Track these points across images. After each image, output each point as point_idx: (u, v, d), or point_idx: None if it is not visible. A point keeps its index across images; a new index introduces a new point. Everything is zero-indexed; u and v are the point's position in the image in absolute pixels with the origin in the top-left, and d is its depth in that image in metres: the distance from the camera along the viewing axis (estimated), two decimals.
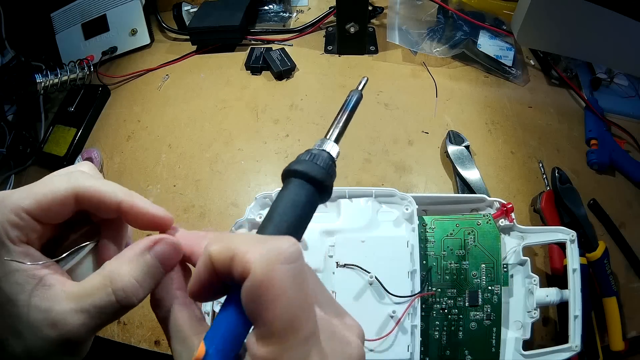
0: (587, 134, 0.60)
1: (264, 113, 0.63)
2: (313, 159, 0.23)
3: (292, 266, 0.17)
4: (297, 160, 0.23)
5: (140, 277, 0.22)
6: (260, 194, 0.50)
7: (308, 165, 0.23)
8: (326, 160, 0.23)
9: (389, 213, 0.50)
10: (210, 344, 0.19)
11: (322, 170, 0.23)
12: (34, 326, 0.21)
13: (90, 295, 0.21)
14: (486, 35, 0.67)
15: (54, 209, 0.22)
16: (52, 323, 0.21)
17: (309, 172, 0.22)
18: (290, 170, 0.23)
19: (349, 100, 0.28)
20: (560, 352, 0.42)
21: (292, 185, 0.23)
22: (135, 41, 0.76)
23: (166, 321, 0.22)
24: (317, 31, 0.74)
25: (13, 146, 0.68)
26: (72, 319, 0.21)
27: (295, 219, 0.22)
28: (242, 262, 0.17)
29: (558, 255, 0.48)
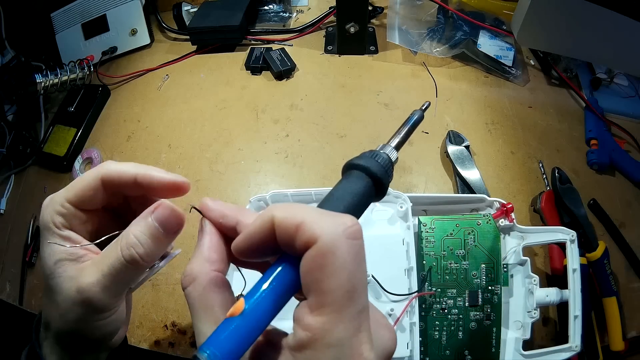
0: (587, 134, 0.60)
1: (264, 113, 0.63)
2: (375, 156, 0.24)
3: (356, 242, 0.18)
4: (360, 156, 0.24)
5: (141, 236, 0.25)
6: (254, 197, 0.50)
7: (369, 161, 0.24)
8: (386, 160, 0.25)
9: (383, 212, 0.50)
10: (251, 304, 0.19)
11: (381, 168, 0.24)
12: (65, 294, 0.25)
13: (106, 257, 0.25)
14: (486, 35, 0.67)
15: (87, 194, 0.26)
16: (78, 288, 0.25)
17: (370, 167, 0.23)
18: (352, 163, 0.24)
19: (412, 117, 0.29)
20: (560, 352, 0.42)
21: (352, 177, 0.24)
22: (135, 41, 0.76)
23: (192, 294, 0.22)
24: (317, 31, 0.74)
25: (13, 146, 0.69)
26: (92, 281, 0.25)
27: (352, 206, 0.22)
28: (309, 231, 0.18)
29: (558, 255, 0.48)
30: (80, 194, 0.26)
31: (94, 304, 0.26)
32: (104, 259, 0.26)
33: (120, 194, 0.28)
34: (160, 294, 0.51)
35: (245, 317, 0.19)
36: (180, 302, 0.51)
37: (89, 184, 0.26)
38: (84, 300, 0.25)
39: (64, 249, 0.26)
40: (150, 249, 0.25)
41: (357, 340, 0.18)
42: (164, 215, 0.25)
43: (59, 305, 0.26)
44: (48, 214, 0.26)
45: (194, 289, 0.22)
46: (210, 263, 0.23)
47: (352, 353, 0.18)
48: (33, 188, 0.65)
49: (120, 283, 0.26)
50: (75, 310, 0.26)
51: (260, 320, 0.19)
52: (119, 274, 0.25)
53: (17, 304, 0.56)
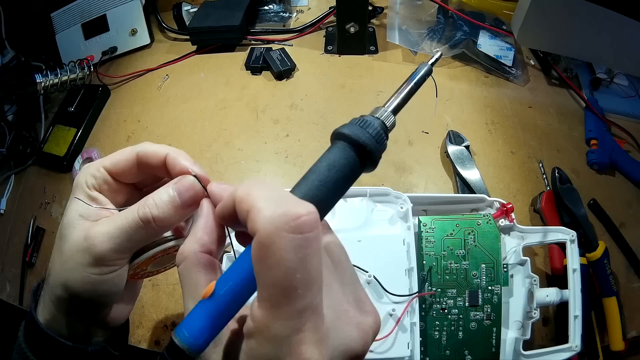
0: (587, 134, 0.60)
1: (264, 113, 0.63)
2: (362, 124, 0.22)
3: (299, 236, 0.17)
4: (346, 124, 0.22)
5: (158, 200, 0.27)
6: None
7: (354, 129, 0.21)
8: (376, 127, 0.22)
9: (383, 212, 0.50)
10: (220, 287, 0.19)
11: (369, 136, 0.21)
12: (73, 240, 0.27)
13: (121, 214, 0.27)
14: (486, 35, 0.67)
15: (122, 164, 0.29)
16: (86, 235, 0.27)
17: (352, 135, 0.21)
18: (336, 132, 0.22)
19: (416, 73, 0.25)
20: (560, 352, 0.42)
21: (334, 148, 0.22)
22: (135, 41, 0.76)
23: (181, 273, 0.23)
24: (317, 31, 0.74)
25: (13, 146, 0.69)
26: (102, 230, 0.27)
27: (329, 182, 0.21)
28: (252, 221, 0.18)
29: (558, 255, 0.48)
30: (115, 162, 0.29)
31: (97, 252, 0.27)
32: (119, 215, 0.28)
33: (152, 175, 0.30)
34: (160, 294, 0.51)
35: (214, 299, 0.19)
36: (180, 302, 0.51)
37: (125, 155, 0.29)
38: (88, 247, 0.27)
39: (87, 207, 0.28)
40: (164, 213, 0.27)
41: (296, 339, 0.18)
42: (184, 186, 0.27)
43: (64, 253, 0.28)
44: (82, 176, 0.29)
45: (183, 268, 0.23)
46: (201, 245, 0.24)
47: (290, 352, 0.18)
48: (33, 188, 0.65)
49: (128, 240, 0.27)
50: (78, 257, 0.27)
51: (230, 302, 0.19)
52: (129, 230, 0.27)
53: (17, 304, 0.56)
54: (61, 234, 0.28)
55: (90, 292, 0.29)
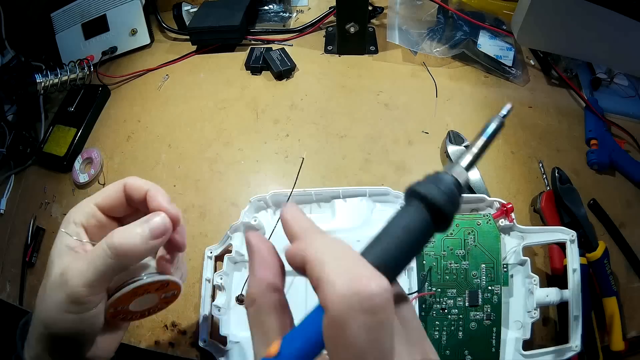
0: (587, 134, 0.60)
1: (264, 113, 0.63)
2: (437, 181, 0.22)
3: (372, 318, 0.16)
4: (422, 182, 0.22)
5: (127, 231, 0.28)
6: (255, 197, 0.50)
7: (430, 189, 0.21)
8: (449, 185, 0.22)
9: (383, 212, 0.50)
10: (286, 347, 0.19)
11: (443, 195, 0.21)
12: (52, 277, 0.28)
13: (93, 249, 0.28)
14: (486, 35, 0.67)
15: (111, 196, 0.31)
16: (62, 271, 0.28)
17: (429, 197, 0.21)
18: (411, 190, 0.22)
19: (489, 126, 0.25)
20: (560, 352, 0.42)
21: (410, 208, 0.21)
22: (135, 41, 0.76)
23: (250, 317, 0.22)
24: (317, 31, 0.74)
25: (13, 146, 0.69)
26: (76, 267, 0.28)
27: (404, 245, 0.21)
28: (324, 293, 0.17)
29: (558, 255, 0.48)
30: (105, 196, 0.31)
31: (70, 288, 0.27)
32: (92, 249, 0.28)
33: (137, 210, 0.32)
34: None
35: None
36: (180, 302, 0.50)
37: (115, 187, 0.31)
38: (63, 283, 0.28)
39: (69, 242, 0.29)
40: (130, 242, 0.28)
41: None
42: (153, 221, 0.29)
43: (45, 290, 0.29)
44: (72, 212, 0.31)
45: (253, 312, 0.22)
46: (266, 284, 0.22)
47: None
48: (33, 188, 0.65)
49: (99, 274, 0.27)
50: (55, 294, 0.28)
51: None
52: (99, 263, 0.27)
53: (17, 304, 0.56)
54: (46, 270, 0.29)
55: (69, 330, 0.28)
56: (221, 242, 0.51)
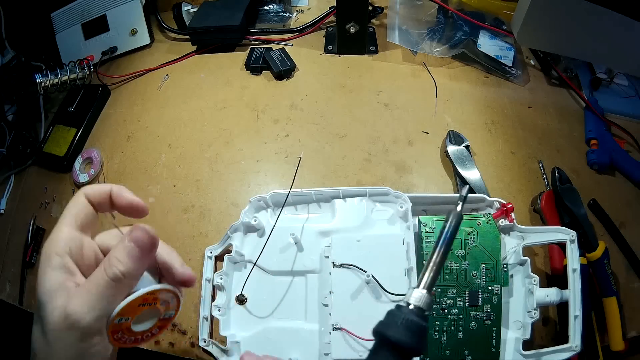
0: (587, 134, 0.60)
1: (264, 113, 0.63)
2: (402, 321, 0.23)
3: None
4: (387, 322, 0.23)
5: (121, 256, 0.28)
6: (254, 197, 0.50)
7: (396, 331, 0.23)
8: (413, 322, 0.23)
9: (383, 212, 0.50)
10: None
11: (409, 333, 0.23)
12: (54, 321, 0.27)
13: (91, 279, 0.28)
14: (486, 35, 0.67)
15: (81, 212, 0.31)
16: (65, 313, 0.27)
17: (399, 341, 0.22)
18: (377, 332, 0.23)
19: (447, 229, 0.24)
20: (560, 352, 0.42)
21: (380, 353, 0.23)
22: (135, 41, 0.76)
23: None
24: (317, 31, 0.74)
25: (13, 146, 0.69)
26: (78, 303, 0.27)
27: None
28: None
29: (558, 255, 0.48)
30: (74, 212, 0.31)
31: (83, 327, 0.27)
32: (89, 283, 0.28)
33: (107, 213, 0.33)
34: None
35: None
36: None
37: (78, 201, 0.31)
38: (72, 324, 0.27)
39: (59, 280, 0.28)
40: (130, 266, 0.28)
41: None
42: (137, 236, 0.29)
43: (48, 337, 0.27)
44: (49, 245, 0.29)
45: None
46: None
47: None
48: (33, 188, 0.65)
49: (106, 303, 0.28)
50: (64, 337, 0.27)
51: None
52: (104, 291, 0.28)
53: (17, 304, 0.56)
54: (39, 314, 0.28)
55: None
56: (221, 242, 0.51)
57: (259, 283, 0.48)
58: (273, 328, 0.47)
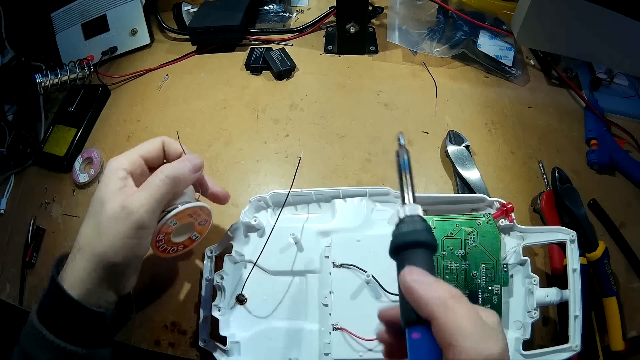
0: (587, 134, 0.60)
1: (264, 113, 0.63)
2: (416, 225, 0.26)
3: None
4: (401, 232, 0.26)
5: (177, 165, 0.38)
6: (254, 197, 0.50)
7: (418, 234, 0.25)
8: (423, 222, 0.26)
9: (383, 212, 0.50)
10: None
11: (432, 236, 0.26)
12: (112, 213, 0.34)
13: (149, 182, 0.36)
14: (486, 35, 0.67)
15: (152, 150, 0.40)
16: (125, 206, 0.34)
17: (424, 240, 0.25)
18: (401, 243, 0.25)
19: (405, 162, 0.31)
20: (560, 352, 0.42)
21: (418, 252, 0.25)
22: (135, 41, 0.76)
23: None
24: (317, 31, 0.74)
25: (13, 146, 0.68)
26: (139, 200, 0.35)
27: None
28: (455, 358, 0.20)
29: (558, 255, 0.48)
30: (147, 148, 0.39)
31: (136, 218, 0.34)
32: (147, 184, 0.36)
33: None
34: (160, 294, 0.51)
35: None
36: (180, 302, 0.51)
37: (155, 142, 0.40)
38: (127, 215, 0.34)
39: (119, 185, 0.35)
40: (180, 173, 0.37)
41: None
42: (191, 156, 0.40)
43: (102, 225, 0.34)
44: (119, 161, 0.37)
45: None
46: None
47: None
48: (33, 188, 0.65)
49: (158, 201, 0.35)
50: (118, 226, 0.34)
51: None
52: (157, 190, 0.35)
53: (17, 304, 0.56)
54: (96, 210, 0.35)
55: (127, 258, 0.36)
56: (221, 242, 0.51)
57: (259, 283, 0.48)
58: (273, 328, 0.47)
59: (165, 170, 0.36)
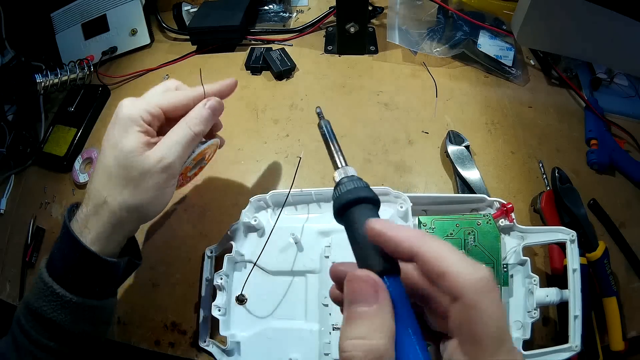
0: (587, 134, 0.60)
1: (264, 113, 0.63)
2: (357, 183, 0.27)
3: (495, 294, 0.20)
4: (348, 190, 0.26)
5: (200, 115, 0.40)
6: (255, 197, 0.50)
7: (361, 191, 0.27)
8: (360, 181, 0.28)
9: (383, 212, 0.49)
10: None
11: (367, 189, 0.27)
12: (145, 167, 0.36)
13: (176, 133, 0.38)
14: (486, 35, 0.67)
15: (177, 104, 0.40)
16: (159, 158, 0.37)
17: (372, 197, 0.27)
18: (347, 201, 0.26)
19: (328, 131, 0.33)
20: (560, 352, 0.42)
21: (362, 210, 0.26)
22: (135, 41, 0.76)
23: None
24: (317, 31, 0.74)
25: (13, 146, 0.69)
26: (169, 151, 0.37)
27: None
28: (454, 283, 0.20)
29: (558, 255, 0.48)
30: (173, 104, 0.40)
31: (172, 169, 0.37)
32: (174, 136, 0.38)
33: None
34: (160, 294, 0.51)
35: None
36: (180, 302, 0.51)
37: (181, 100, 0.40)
38: (163, 167, 0.37)
39: (144, 137, 0.37)
40: (205, 126, 0.40)
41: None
42: (213, 105, 0.41)
43: (136, 178, 0.36)
44: (137, 111, 0.38)
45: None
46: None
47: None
48: (33, 188, 0.65)
49: (185, 151, 0.38)
50: (154, 178, 0.37)
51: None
52: (185, 145, 0.38)
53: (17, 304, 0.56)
54: (126, 164, 0.36)
55: (160, 206, 0.40)
56: (221, 242, 0.51)
57: (259, 283, 0.48)
58: (273, 328, 0.47)
59: (191, 122, 0.39)
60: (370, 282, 0.21)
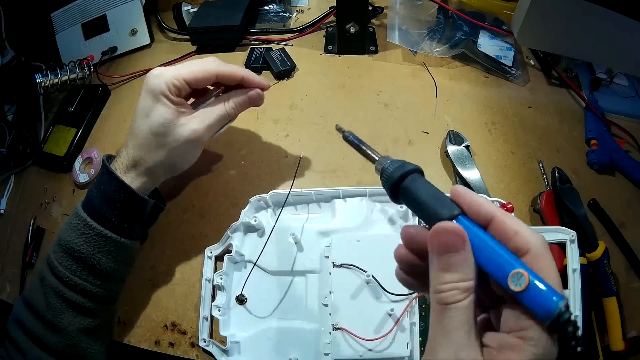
0: (587, 134, 0.60)
1: (263, 113, 0.63)
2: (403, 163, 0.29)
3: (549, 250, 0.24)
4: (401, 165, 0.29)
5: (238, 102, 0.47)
6: (254, 197, 0.50)
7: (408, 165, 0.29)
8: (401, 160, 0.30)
9: (383, 212, 0.50)
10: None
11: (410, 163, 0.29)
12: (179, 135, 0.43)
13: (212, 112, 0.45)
14: (486, 35, 0.67)
15: (202, 80, 0.44)
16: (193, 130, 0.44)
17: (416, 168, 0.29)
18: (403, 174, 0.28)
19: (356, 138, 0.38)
20: None
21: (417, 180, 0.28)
22: (135, 41, 0.76)
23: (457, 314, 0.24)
24: (317, 31, 0.74)
25: (13, 146, 0.69)
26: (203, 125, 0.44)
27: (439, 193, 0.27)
28: (526, 239, 0.24)
29: (558, 255, 0.48)
30: (199, 78, 0.44)
31: (201, 140, 0.45)
32: (211, 113, 0.45)
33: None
34: (160, 294, 0.51)
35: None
36: (180, 302, 0.51)
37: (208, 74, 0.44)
38: (197, 138, 0.44)
39: (175, 110, 0.43)
40: (241, 109, 0.47)
41: None
42: (253, 96, 0.46)
43: (173, 145, 0.43)
44: (164, 82, 0.42)
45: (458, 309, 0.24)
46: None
47: None
48: (33, 188, 0.65)
49: (216, 127, 0.46)
50: (189, 146, 0.45)
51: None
52: (218, 121, 0.45)
53: None
54: (159, 132, 0.43)
55: (188, 163, 0.48)
56: (221, 242, 0.51)
57: (259, 283, 0.48)
58: (273, 328, 0.47)
59: (229, 105, 0.46)
60: (456, 231, 0.24)
